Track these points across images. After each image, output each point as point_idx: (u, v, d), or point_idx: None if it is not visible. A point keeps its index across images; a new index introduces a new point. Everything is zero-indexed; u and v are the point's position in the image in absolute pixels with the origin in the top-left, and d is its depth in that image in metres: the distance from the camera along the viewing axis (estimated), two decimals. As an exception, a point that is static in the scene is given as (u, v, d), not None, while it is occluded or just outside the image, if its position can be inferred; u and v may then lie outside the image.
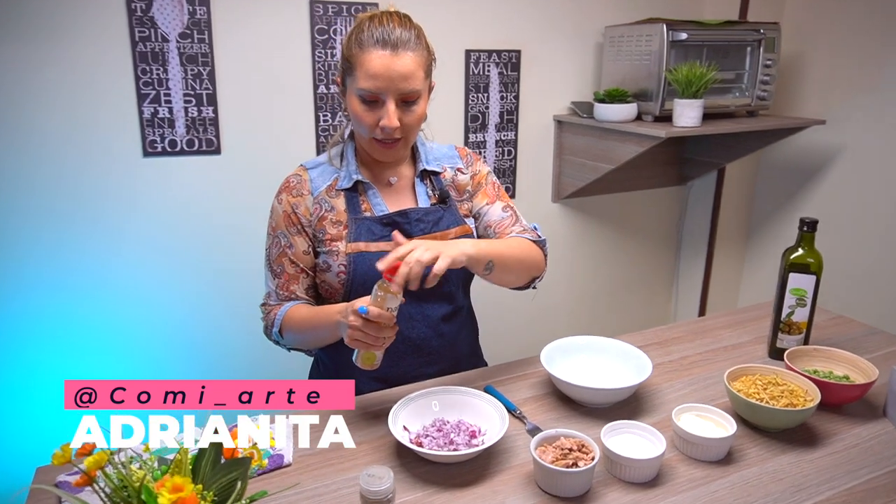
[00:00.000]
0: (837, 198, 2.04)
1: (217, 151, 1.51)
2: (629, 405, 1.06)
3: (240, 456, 0.65)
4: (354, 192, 1.01)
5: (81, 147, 1.44)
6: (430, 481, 0.86)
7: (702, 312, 2.52)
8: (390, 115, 0.92)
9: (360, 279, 1.05)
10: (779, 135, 1.87)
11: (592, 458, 0.89)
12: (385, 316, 0.86)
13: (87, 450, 0.58)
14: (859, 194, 1.94)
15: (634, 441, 0.96)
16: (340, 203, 1.00)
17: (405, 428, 0.93)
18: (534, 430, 0.98)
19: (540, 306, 2.19)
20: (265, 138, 1.56)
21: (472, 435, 0.95)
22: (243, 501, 0.63)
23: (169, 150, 1.45)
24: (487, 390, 1.06)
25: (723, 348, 1.28)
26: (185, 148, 1.46)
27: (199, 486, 0.62)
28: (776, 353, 1.23)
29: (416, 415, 0.95)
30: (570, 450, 0.90)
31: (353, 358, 0.89)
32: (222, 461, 0.63)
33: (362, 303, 0.86)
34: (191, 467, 0.64)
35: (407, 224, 1.02)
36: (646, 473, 0.91)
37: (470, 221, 1.08)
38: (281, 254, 1.00)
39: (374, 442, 0.93)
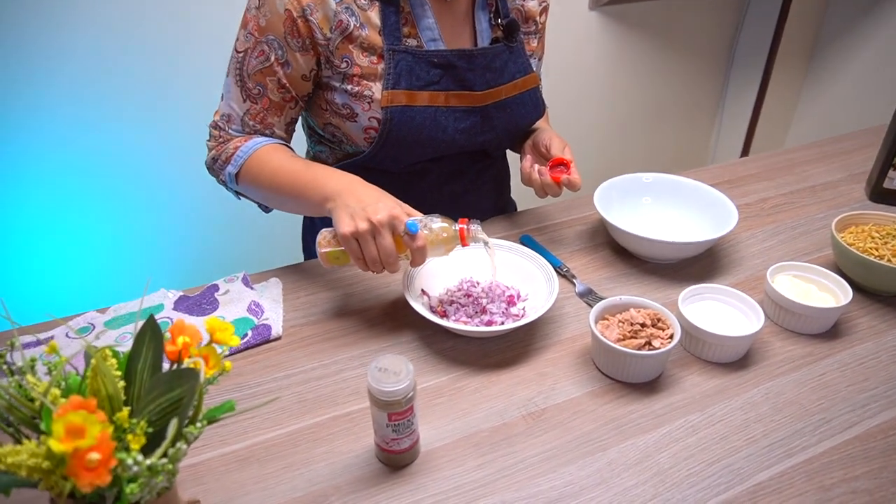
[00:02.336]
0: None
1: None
2: (701, 261, 0.91)
3: (186, 362, 0.44)
4: (392, 5, 0.76)
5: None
6: (456, 360, 0.73)
7: (745, 152, 2.26)
8: None
9: (395, 145, 0.81)
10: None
11: (670, 338, 0.71)
12: (424, 254, 0.70)
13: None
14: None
15: (718, 310, 0.79)
16: (374, 16, 0.76)
17: (424, 293, 0.80)
18: (587, 294, 0.85)
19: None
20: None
21: (510, 301, 0.81)
22: (197, 424, 0.40)
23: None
24: (524, 241, 0.92)
25: (810, 188, 1.09)
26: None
27: (124, 414, 0.39)
28: (881, 196, 1.03)
29: (437, 275, 0.81)
30: (643, 325, 0.72)
31: (317, 246, 0.72)
32: (165, 368, 0.45)
33: (407, 214, 0.68)
34: (121, 376, 0.44)
35: (468, 69, 0.81)
36: (735, 352, 0.75)
37: (534, 64, 0.90)
38: (267, 69, 0.77)
39: (384, 309, 0.80)
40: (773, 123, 2.25)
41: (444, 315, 0.78)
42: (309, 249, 1.03)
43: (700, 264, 0.91)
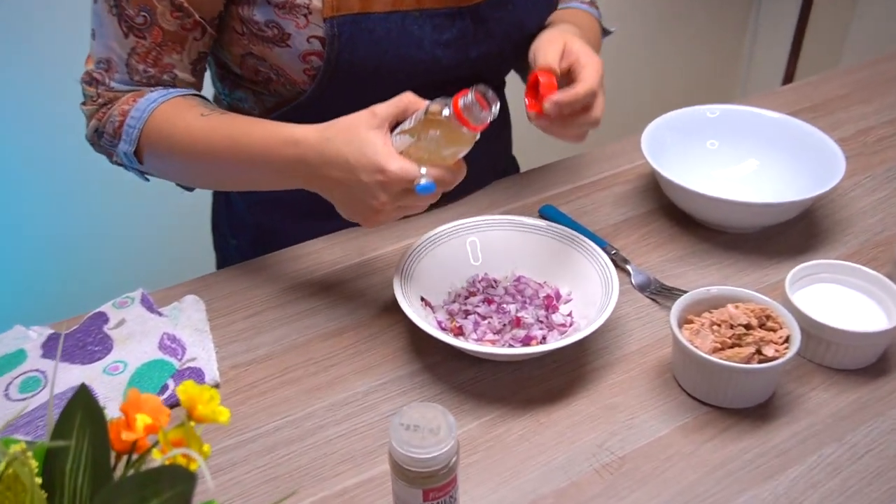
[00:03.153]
0: None
1: None
2: (796, 228, 0.89)
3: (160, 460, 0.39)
4: None
5: None
6: (485, 396, 0.70)
7: (788, 78, 2.24)
8: None
9: (348, 76, 0.75)
10: None
11: (786, 341, 0.67)
12: (454, 182, 0.66)
13: None
14: None
15: (839, 296, 0.76)
16: None
17: (425, 302, 0.76)
18: (649, 286, 0.82)
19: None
20: None
21: (549, 304, 0.78)
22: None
23: None
24: (544, 214, 0.90)
25: (919, 111, 1.10)
26: None
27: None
28: None
29: (440, 274, 0.78)
30: (747, 327, 0.68)
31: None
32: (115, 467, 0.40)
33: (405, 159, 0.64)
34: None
35: None
36: (872, 353, 0.71)
37: None
38: None
39: (367, 328, 0.77)
40: (823, 37, 2.24)
41: (459, 333, 0.74)
42: (224, 247, 1.02)
43: (794, 232, 0.89)
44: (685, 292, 0.73)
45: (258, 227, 0.96)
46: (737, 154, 0.96)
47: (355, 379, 0.72)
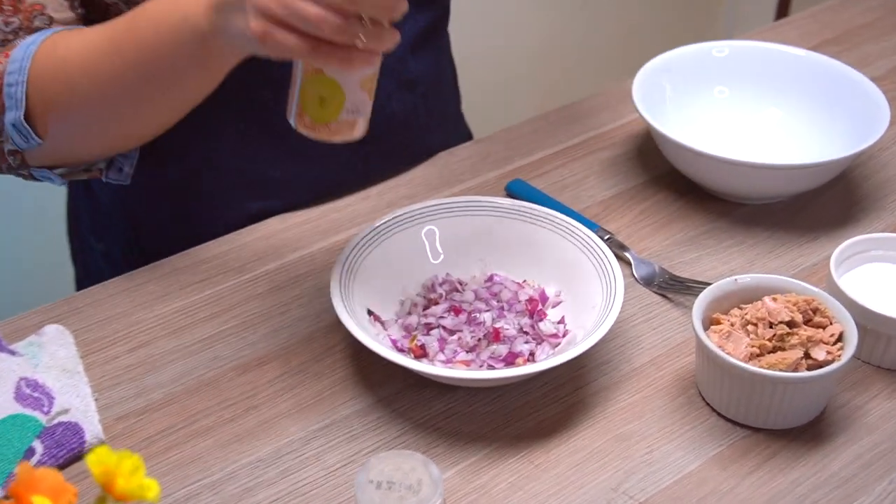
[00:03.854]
0: None
1: None
2: (829, 194, 0.91)
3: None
4: None
5: None
6: (463, 434, 0.70)
7: (783, 11, 2.33)
8: None
9: None
10: None
11: (839, 340, 0.68)
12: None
13: None
14: None
15: (892, 276, 0.77)
16: None
17: (374, 317, 0.76)
18: (655, 278, 0.82)
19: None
20: None
21: (534, 309, 0.77)
22: None
23: None
24: (512, 191, 0.92)
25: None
26: None
27: None
28: None
29: (390, 278, 0.79)
30: (790, 324, 0.68)
31: (292, 114, 0.69)
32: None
33: None
34: None
35: None
36: None
37: None
38: None
39: (304, 350, 0.77)
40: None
41: (421, 354, 0.73)
42: (86, 255, 1.03)
43: (830, 199, 0.91)
44: (704, 284, 0.74)
45: (132, 222, 0.95)
46: (753, 103, 0.97)
47: (288, 423, 0.70)
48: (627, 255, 0.83)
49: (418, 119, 0.98)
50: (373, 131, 0.77)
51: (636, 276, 0.82)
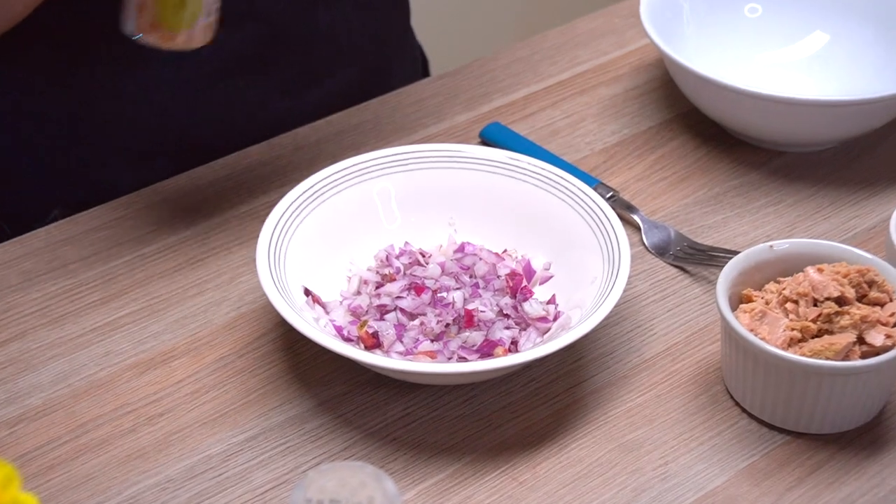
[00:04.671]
0: None
1: None
2: (887, 140, 0.93)
3: None
4: None
5: None
6: (428, 445, 0.72)
7: None
8: None
9: None
10: None
11: None
12: None
13: None
14: None
15: None
16: None
17: (313, 297, 0.77)
18: (670, 246, 0.84)
19: None
20: None
21: (517, 286, 0.79)
22: None
23: None
24: (487, 138, 0.94)
25: None
26: None
27: None
28: None
29: (333, 248, 0.81)
30: (840, 303, 0.69)
31: (137, 22, 0.75)
32: None
33: None
34: None
35: None
36: None
37: None
38: None
39: (223, 340, 0.79)
40: None
41: (373, 344, 0.74)
42: None
43: (887, 147, 0.93)
44: (732, 253, 0.75)
45: None
46: (794, 24, 0.99)
47: (203, 434, 0.71)
48: (635, 217, 0.85)
49: (350, 33, 1.00)
50: (283, 49, 0.78)
51: (647, 243, 0.83)
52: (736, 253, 0.74)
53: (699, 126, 0.94)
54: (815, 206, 0.87)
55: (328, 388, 0.74)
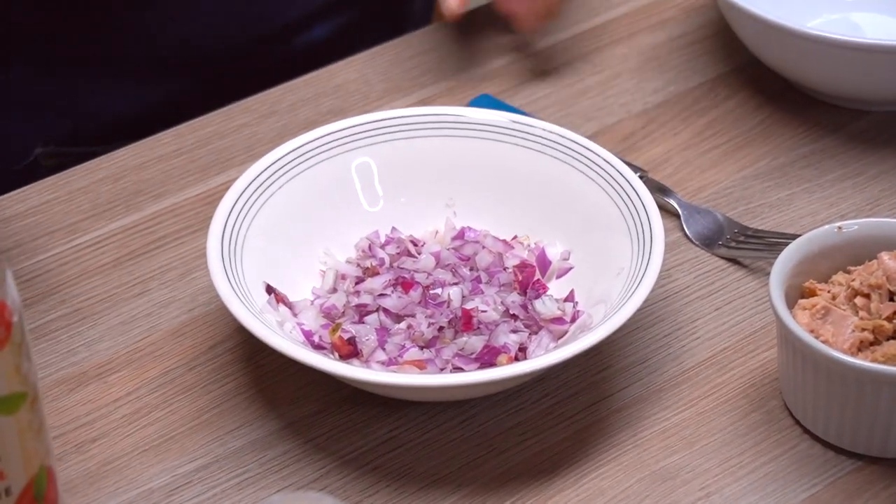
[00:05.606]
0: None
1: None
2: None
3: None
4: None
5: None
6: (400, 473, 0.73)
7: None
8: None
9: None
10: None
11: None
12: None
13: None
14: None
15: None
16: None
17: (277, 296, 0.78)
18: (720, 234, 0.85)
19: None
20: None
21: (528, 279, 0.80)
22: None
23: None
24: (478, 105, 0.95)
25: None
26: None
27: None
28: None
29: (304, 236, 0.83)
30: None
31: None
32: None
33: None
34: None
35: None
36: None
37: None
38: None
39: (170, 350, 0.80)
40: None
41: (350, 352, 0.75)
42: None
43: None
44: (796, 237, 0.75)
45: None
46: None
47: (146, 462, 0.72)
48: (671, 201, 0.87)
49: None
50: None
51: (688, 232, 0.85)
52: (796, 236, 0.75)
53: (761, 81, 0.95)
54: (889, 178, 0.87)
55: (296, 407, 0.74)
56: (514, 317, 0.77)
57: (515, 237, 0.82)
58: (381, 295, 0.78)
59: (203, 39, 1.07)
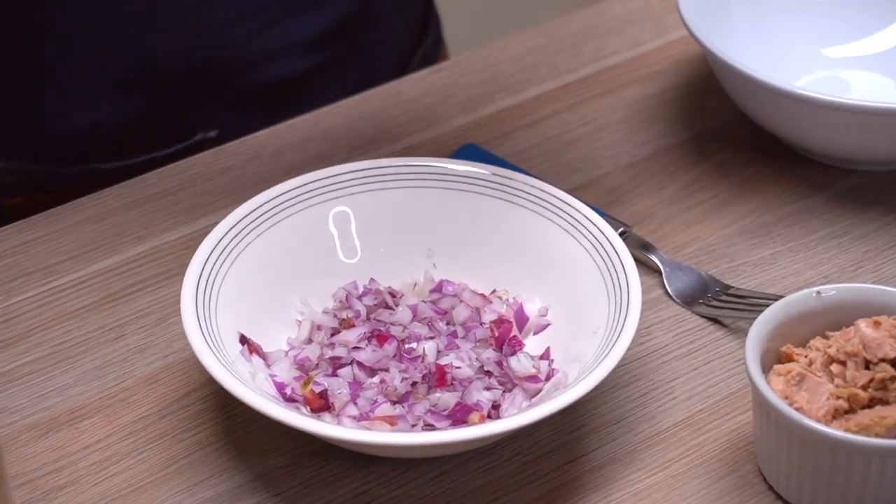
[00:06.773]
0: None
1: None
2: None
3: None
4: None
5: None
6: None
7: None
8: None
9: None
10: None
11: None
12: None
13: None
14: None
15: None
16: None
17: (250, 347, 0.78)
18: (703, 291, 0.85)
19: None
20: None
21: (504, 335, 0.80)
22: None
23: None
24: (462, 155, 0.95)
25: None
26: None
27: None
28: None
29: (278, 285, 0.83)
30: None
31: None
32: None
33: None
34: None
35: None
36: None
37: None
38: None
39: (138, 400, 0.80)
40: None
41: (321, 406, 0.75)
42: None
43: None
44: (777, 299, 0.75)
45: None
46: (869, 13, 1.00)
47: None
48: (653, 258, 0.86)
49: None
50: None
51: (670, 290, 0.85)
52: (776, 298, 0.75)
53: (749, 138, 0.95)
54: (889, 239, 0.87)
55: (267, 459, 0.74)
56: (489, 373, 0.76)
57: (494, 291, 0.82)
58: (355, 348, 0.78)
59: (163, 62, 1.07)
